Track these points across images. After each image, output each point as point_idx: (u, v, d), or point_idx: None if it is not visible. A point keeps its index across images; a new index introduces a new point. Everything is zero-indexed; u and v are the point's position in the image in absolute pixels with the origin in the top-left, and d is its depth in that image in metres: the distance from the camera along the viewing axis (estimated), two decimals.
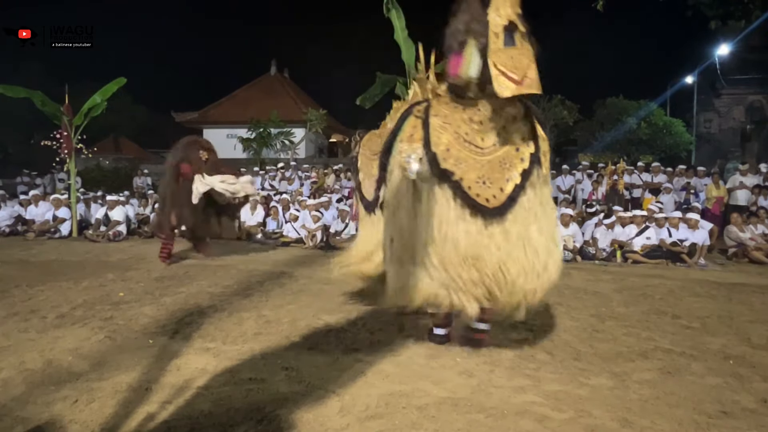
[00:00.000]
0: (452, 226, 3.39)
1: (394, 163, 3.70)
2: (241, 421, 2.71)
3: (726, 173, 11.72)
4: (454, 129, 3.49)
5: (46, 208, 11.55)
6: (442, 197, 3.42)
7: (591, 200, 11.82)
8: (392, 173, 3.72)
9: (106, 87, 11.39)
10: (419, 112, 3.69)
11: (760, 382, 3.33)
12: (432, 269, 3.46)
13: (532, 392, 3.12)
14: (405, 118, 3.73)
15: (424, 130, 3.54)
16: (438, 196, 3.44)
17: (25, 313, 4.81)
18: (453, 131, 3.49)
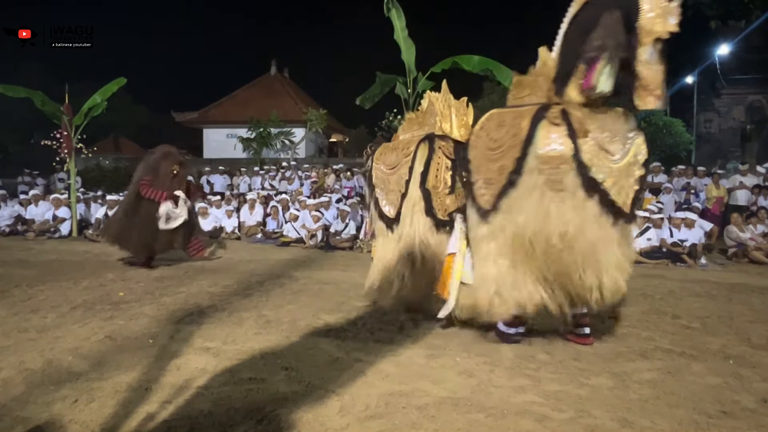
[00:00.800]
0: (589, 233, 3.55)
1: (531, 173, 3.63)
2: (241, 421, 2.71)
3: (726, 173, 11.71)
4: (593, 136, 3.57)
5: (46, 208, 11.56)
6: (584, 204, 3.55)
7: None
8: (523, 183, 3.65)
9: (106, 87, 11.40)
10: (555, 117, 3.61)
11: (760, 382, 3.32)
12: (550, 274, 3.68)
13: (532, 392, 3.12)
14: (536, 124, 3.63)
15: (571, 139, 3.54)
16: (578, 204, 3.55)
17: (25, 313, 4.81)
18: (592, 138, 3.57)
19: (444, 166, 4.48)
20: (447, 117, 4.77)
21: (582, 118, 3.58)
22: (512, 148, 3.71)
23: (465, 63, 9.75)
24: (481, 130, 4.03)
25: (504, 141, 3.79)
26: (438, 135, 4.65)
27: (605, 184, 3.56)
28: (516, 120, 3.76)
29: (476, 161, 4.00)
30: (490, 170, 3.86)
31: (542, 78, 3.84)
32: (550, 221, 3.57)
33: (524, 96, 3.97)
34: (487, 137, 3.93)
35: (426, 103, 4.98)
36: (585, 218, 3.55)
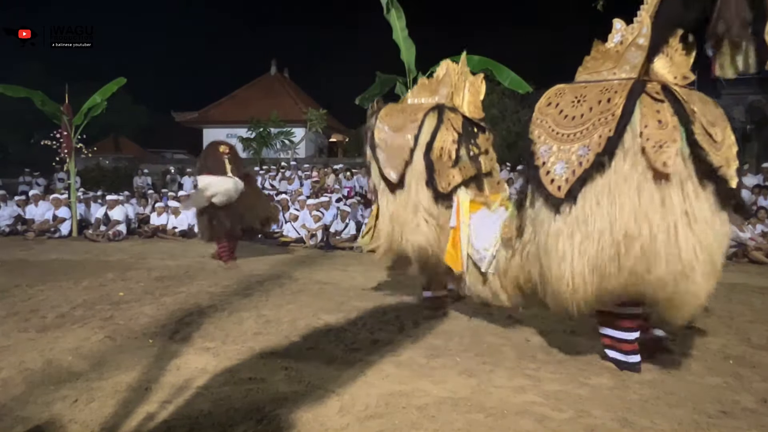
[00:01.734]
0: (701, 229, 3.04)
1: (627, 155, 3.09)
2: (240, 421, 2.71)
3: None
4: (699, 119, 3.11)
5: (45, 208, 11.56)
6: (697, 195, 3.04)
7: None
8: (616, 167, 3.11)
9: (106, 87, 11.41)
10: (657, 92, 3.13)
11: (760, 382, 3.32)
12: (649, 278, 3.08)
13: (532, 392, 3.12)
14: (634, 98, 3.12)
15: (678, 115, 3.05)
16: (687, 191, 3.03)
17: (25, 313, 4.81)
18: (698, 120, 3.10)
19: (451, 138, 4.40)
20: (460, 91, 4.72)
21: (685, 94, 3.14)
22: (601, 126, 3.17)
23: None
24: (548, 107, 3.48)
25: (587, 118, 3.25)
26: (448, 107, 4.58)
27: (721, 171, 3.05)
28: (604, 95, 3.24)
29: (542, 141, 3.42)
30: (564, 152, 3.29)
31: (634, 49, 3.30)
32: (654, 213, 3.02)
33: (604, 70, 3.43)
34: (559, 115, 3.39)
35: (442, 72, 4.87)
36: (699, 211, 3.03)
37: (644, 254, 3.02)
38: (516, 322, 4.59)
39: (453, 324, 4.55)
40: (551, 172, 3.31)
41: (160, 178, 19.23)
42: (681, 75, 3.26)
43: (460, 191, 4.36)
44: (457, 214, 4.26)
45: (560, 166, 3.28)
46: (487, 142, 4.74)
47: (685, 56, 3.28)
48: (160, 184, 18.06)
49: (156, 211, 11.69)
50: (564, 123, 3.34)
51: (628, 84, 3.22)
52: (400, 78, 10.24)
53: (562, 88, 3.53)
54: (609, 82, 3.33)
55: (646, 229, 3.01)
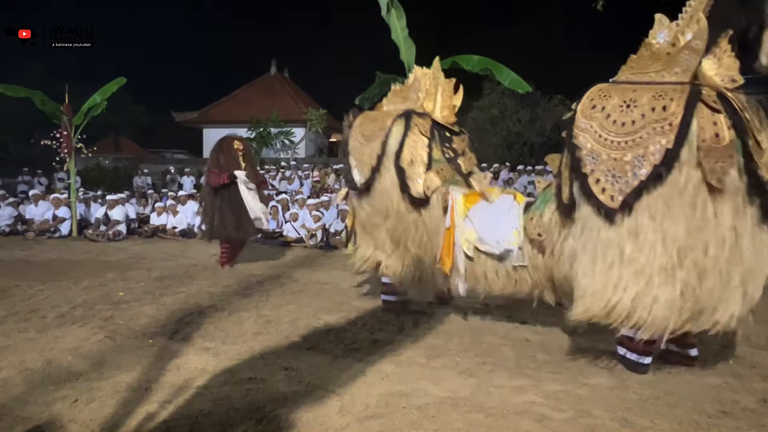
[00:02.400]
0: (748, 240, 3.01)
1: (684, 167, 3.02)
2: (240, 421, 2.71)
3: None
4: (752, 128, 3.02)
5: (45, 208, 11.56)
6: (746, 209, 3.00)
7: None
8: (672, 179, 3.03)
9: (106, 87, 11.40)
10: (714, 101, 3.02)
11: (760, 382, 3.33)
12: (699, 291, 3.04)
13: (532, 392, 3.12)
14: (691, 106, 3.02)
15: (736, 128, 2.97)
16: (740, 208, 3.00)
17: (25, 313, 4.81)
18: (751, 131, 3.01)
19: (420, 143, 4.47)
20: (432, 96, 4.77)
21: (740, 102, 3.01)
22: (657, 135, 3.05)
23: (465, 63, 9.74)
24: (593, 110, 3.33)
25: (639, 126, 3.12)
26: (417, 112, 4.64)
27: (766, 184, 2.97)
28: (658, 101, 3.10)
29: (589, 148, 3.29)
30: (615, 161, 3.17)
31: (687, 51, 3.14)
32: (707, 227, 2.98)
33: (651, 71, 3.28)
34: (607, 120, 3.25)
35: (412, 78, 4.96)
36: (747, 224, 2.99)
37: (696, 267, 3.00)
38: (516, 322, 4.59)
39: (453, 324, 4.55)
40: (601, 181, 3.22)
41: (160, 178, 19.24)
42: (729, 78, 3.14)
43: (453, 190, 4.38)
44: (452, 214, 4.27)
45: (611, 175, 3.19)
46: (462, 144, 4.81)
47: (734, 58, 3.15)
48: (160, 184, 18.07)
49: (156, 211, 11.69)
50: (613, 129, 3.22)
51: (685, 91, 3.08)
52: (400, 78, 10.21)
53: (606, 89, 3.38)
54: (662, 86, 3.19)
55: (700, 243, 2.98)
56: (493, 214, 4.10)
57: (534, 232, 3.80)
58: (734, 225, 2.98)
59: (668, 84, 3.17)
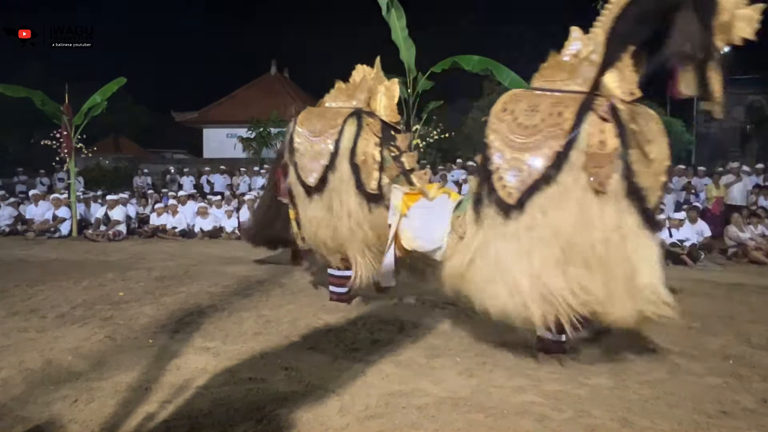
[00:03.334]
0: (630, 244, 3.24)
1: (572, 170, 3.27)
2: (240, 421, 2.71)
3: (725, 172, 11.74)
4: (636, 139, 3.26)
5: (45, 208, 11.56)
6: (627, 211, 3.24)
7: None
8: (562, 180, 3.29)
9: (106, 87, 11.41)
10: (604, 112, 3.24)
11: (760, 382, 3.33)
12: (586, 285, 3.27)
13: (532, 392, 3.12)
14: (582, 115, 3.27)
15: (621, 139, 3.19)
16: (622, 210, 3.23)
17: (25, 313, 4.81)
18: (636, 141, 3.26)
19: (372, 142, 4.62)
20: (376, 95, 4.93)
21: (629, 114, 3.25)
22: (551, 139, 3.31)
23: (465, 63, 9.75)
24: (504, 113, 3.57)
25: (539, 129, 3.37)
26: (366, 112, 4.79)
27: (644, 191, 3.26)
28: (555, 108, 3.37)
29: (497, 147, 3.52)
30: (516, 160, 3.42)
31: (587, 64, 3.44)
32: (592, 226, 3.22)
33: (558, 80, 3.56)
34: (514, 122, 3.49)
35: (358, 77, 5.08)
36: (628, 226, 3.23)
37: (584, 263, 3.24)
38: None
39: (453, 324, 4.55)
40: (503, 179, 3.46)
41: (160, 178, 19.23)
42: (629, 91, 3.35)
43: (393, 188, 4.54)
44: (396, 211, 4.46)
45: (512, 173, 3.44)
46: (405, 141, 4.94)
47: (634, 72, 3.36)
48: (160, 184, 18.06)
49: (156, 212, 11.69)
50: (518, 131, 3.46)
51: (579, 100, 3.34)
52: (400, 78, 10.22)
53: (518, 94, 3.65)
54: (562, 94, 3.46)
55: (586, 240, 3.23)
56: (432, 213, 4.24)
57: (460, 231, 3.91)
58: (619, 226, 3.22)
59: (570, 93, 3.43)
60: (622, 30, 3.30)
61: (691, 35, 3.04)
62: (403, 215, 4.39)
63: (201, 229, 11.21)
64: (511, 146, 3.46)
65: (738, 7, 2.98)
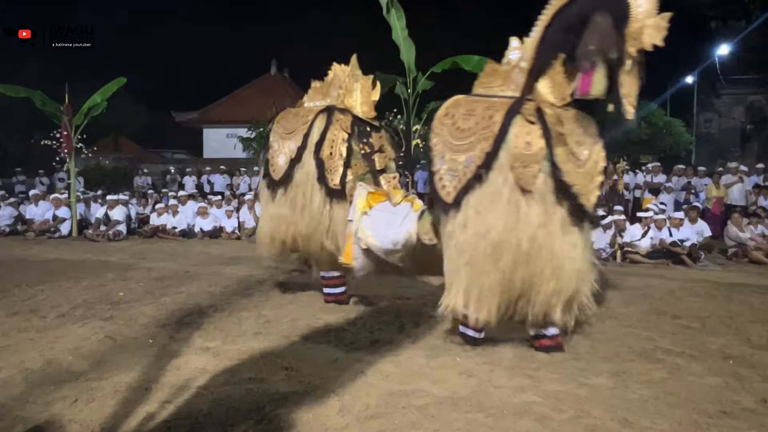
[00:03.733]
0: (558, 240, 3.46)
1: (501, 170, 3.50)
2: (240, 421, 2.71)
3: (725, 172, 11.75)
4: (564, 140, 3.48)
5: (45, 208, 11.55)
6: (554, 209, 3.46)
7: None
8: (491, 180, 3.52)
9: (106, 87, 11.39)
10: (530, 115, 3.49)
11: (760, 382, 3.32)
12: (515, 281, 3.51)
13: (532, 392, 3.12)
14: (510, 119, 3.49)
15: (545, 139, 3.41)
16: (549, 208, 3.45)
17: (25, 313, 4.81)
18: (563, 142, 3.48)
19: (340, 138, 4.73)
20: (352, 92, 4.99)
21: (555, 117, 3.49)
22: (482, 141, 3.54)
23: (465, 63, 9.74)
24: (446, 117, 3.81)
25: (473, 132, 3.61)
26: (338, 108, 4.89)
27: (574, 189, 3.47)
28: (487, 112, 3.61)
29: (439, 149, 3.77)
30: (454, 161, 3.66)
31: (518, 71, 3.69)
32: (520, 224, 3.45)
33: (495, 86, 3.82)
34: (453, 126, 3.73)
35: (331, 75, 5.16)
36: (554, 224, 3.46)
37: (512, 258, 3.46)
38: (516, 322, 4.58)
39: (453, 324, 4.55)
40: (443, 179, 3.69)
41: (160, 178, 19.22)
42: (561, 96, 3.60)
43: (358, 185, 4.65)
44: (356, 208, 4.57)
45: (450, 174, 3.66)
46: (380, 140, 5.00)
47: (565, 78, 3.61)
48: (160, 184, 18.06)
49: (156, 212, 11.69)
50: (456, 134, 3.69)
51: (507, 104, 3.57)
52: (400, 78, 10.22)
53: (459, 100, 3.87)
54: (496, 99, 3.69)
55: (514, 237, 3.44)
56: (393, 218, 4.39)
57: (426, 237, 4.11)
58: (545, 223, 3.44)
59: (503, 98, 3.66)
60: (550, 39, 3.53)
61: (606, 40, 3.23)
62: (364, 213, 4.51)
63: (201, 229, 11.21)
64: (451, 148, 3.69)
65: (648, 16, 3.17)
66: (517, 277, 3.50)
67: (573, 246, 3.49)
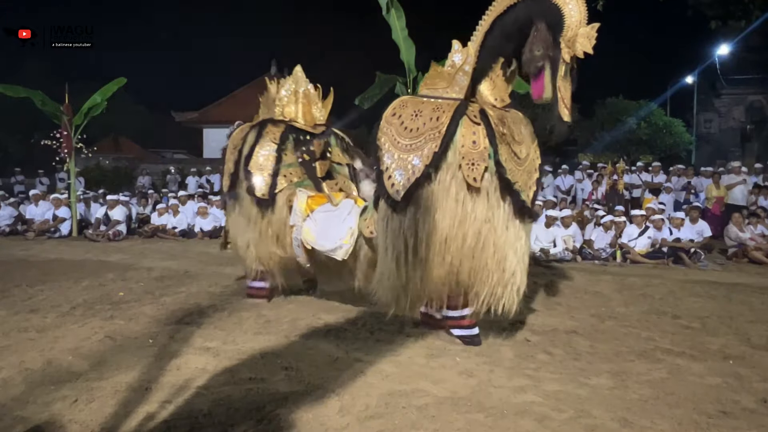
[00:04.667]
0: (502, 234, 3.67)
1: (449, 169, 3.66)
2: (240, 421, 2.71)
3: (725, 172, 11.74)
4: (506, 140, 3.66)
5: (45, 208, 11.55)
6: (498, 205, 3.66)
7: (591, 200, 11.82)
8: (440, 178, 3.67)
9: (106, 87, 11.40)
10: (475, 116, 3.69)
11: (760, 382, 3.33)
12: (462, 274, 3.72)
13: (532, 392, 3.12)
14: (457, 119, 3.67)
15: (489, 138, 3.61)
16: (494, 204, 3.65)
17: (25, 313, 4.81)
18: (505, 142, 3.66)
19: (268, 148, 4.94)
20: (291, 103, 5.24)
21: (497, 118, 3.67)
22: (430, 141, 3.67)
23: None
24: (393, 117, 3.91)
25: (421, 132, 3.74)
26: (273, 120, 5.14)
27: (517, 186, 3.67)
28: (435, 113, 3.75)
29: (386, 148, 3.88)
30: (402, 160, 3.77)
31: (461, 74, 3.85)
32: (467, 220, 3.62)
33: (439, 88, 3.95)
34: (401, 125, 3.84)
35: (271, 91, 5.41)
36: (498, 219, 3.65)
37: (458, 253, 3.64)
38: (516, 322, 4.59)
39: None
40: (392, 177, 3.79)
41: (160, 178, 19.22)
42: (500, 97, 3.89)
43: (298, 191, 4.84)
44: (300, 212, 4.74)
45: (399, 172, 3.77)
46: (320, 147, 5.17)
47: (505, 81, 3.93)
48: (160, 184, 18.06)
49: (158, 212, 11.69)
50: (404, 134, 3.81)
51: (454, 105, 3.73)
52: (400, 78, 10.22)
53: (405, 101, 4.02)
54: (441, 100, 3.84)
55: (460, 232, 3.62)
56: (334, 216, 4.58)
57: (367, 231, 4.24)
58: (488, 218, 3.64)
59: (449, 99, 3.82)
60: (491, 44, 3.69)
61: (547, 45, 3.41)
62: (306, 217, 4.69)
63: (201, 229, 11.21)
64: (399, 147, 3.80)
65: (580, 25, 3.35)
66: (464, 271, 3.70)
67: (516, 239, 3.71)
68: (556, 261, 8.24)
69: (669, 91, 26.15)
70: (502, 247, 3.66)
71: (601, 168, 13.36)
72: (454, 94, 3.86)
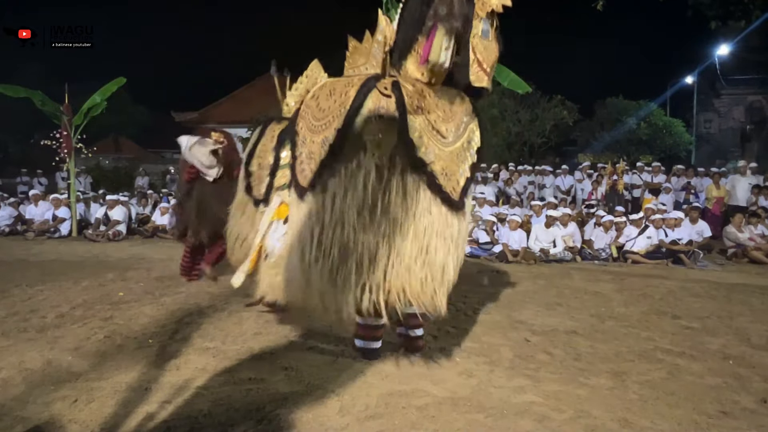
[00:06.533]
0: (418, 218, 3.18)
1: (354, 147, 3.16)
2: (240, 421, 2.71)
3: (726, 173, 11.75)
4: (424, 114, 3.20)
5: (45, 208, 11.55)
6: (412, 187, 3.17)
7: (590, 200, 11.82)
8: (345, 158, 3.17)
9: (106, 87, 11.39)
10: (386, 89, 3.18)
11: (760, 382, 3.33)
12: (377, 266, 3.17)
13: (532, 392, 3.12)
14: (364, 93, 3.18)
15: (399, 111, 3.12)
16: (407, 187, 3.16)
17: (25, 313, 4.81)
18: (424, 116, 3.19)
19: (269, 147, 4.61)
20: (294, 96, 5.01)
21: (414, 92, 3.20)
22: (337, 118, 3.25)
23: None
24: (311, 99, 3.56)
25: (331, 111, 3.32)
26: (277, 118, 4.95)
27: (433, 167, 3.18)
28: (345, 88, 3.33)
29: (302, 133, 3.50)
30: (313, 143, 3.36)
31: (377, 46, 3.46)
32: (378, 205, 3.14)
33: (360, 65, 3.59)
34: (317, 107, 3.46)
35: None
36: (415, 203, 3.19)
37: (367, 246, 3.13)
38: (516, 322, 4.60)
39: (453, 324, 4.55)
40: (303, 163, 3.39)
41: (160, 178, 19.22)
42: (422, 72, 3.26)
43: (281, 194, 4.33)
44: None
45: (308, 156, 3.36)
46: None
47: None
48: (160, 184, 18.06)
49: (160, 211, 11.68)
50: (317, 115, 3.40)
51: (363, 78, 3.29)
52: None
53: (326, 82, 3.61)
54: (356, 76, 3.40)
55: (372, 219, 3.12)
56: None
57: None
58: (404, 203, 3.14)
59: (363, 75, 3.37)
60: (412, 8, 3.21)
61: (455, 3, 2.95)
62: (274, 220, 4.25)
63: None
64: (312, 130, 3.41)
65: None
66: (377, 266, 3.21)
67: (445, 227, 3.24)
68: (556, 261, 8.25)
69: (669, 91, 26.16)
70: (421, 234, 3.17)
71: (601, 168, 13.36)
72: (373, 69, 3.45)
